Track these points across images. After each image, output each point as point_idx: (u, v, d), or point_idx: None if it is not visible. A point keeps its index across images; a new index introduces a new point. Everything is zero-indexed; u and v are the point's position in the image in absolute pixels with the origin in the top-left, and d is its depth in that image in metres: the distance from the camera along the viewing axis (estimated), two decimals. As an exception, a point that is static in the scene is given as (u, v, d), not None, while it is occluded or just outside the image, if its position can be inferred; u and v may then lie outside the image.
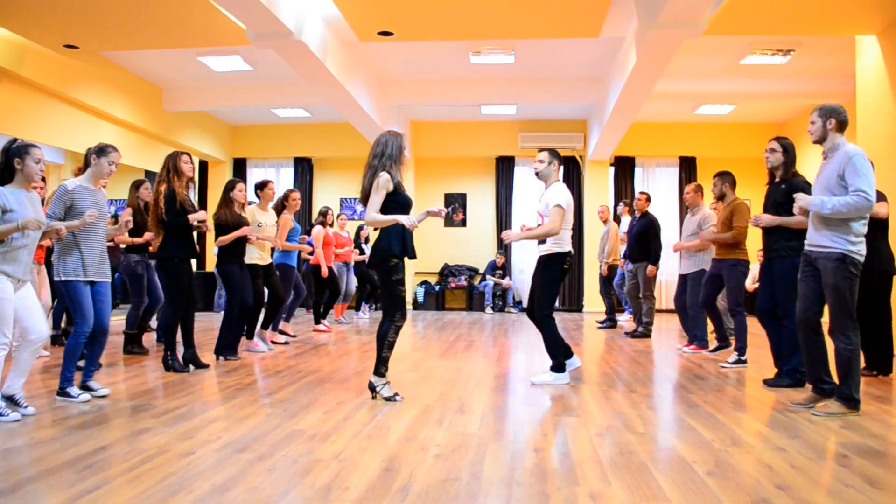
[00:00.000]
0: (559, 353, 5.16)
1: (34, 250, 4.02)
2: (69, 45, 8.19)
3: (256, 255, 6.66)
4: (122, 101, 10.26)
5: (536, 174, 5.29)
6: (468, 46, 9.10)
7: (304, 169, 14.07)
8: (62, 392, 4.34)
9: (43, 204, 4.97)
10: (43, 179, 6.64)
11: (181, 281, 5.48)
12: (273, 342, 7.24)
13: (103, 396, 4.47)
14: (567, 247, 5.13)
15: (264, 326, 7.09)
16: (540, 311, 5.15)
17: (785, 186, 4.98)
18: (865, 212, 3.99)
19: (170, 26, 7.69)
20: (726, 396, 4.69)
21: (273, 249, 7.08)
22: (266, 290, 6.95)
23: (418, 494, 2.64)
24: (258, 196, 6.94)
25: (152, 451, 3.17)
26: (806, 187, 4.80)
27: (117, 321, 4.96)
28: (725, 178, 6.44)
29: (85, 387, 4.47)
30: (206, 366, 5.71)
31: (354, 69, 9.35)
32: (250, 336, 6.76)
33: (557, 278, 5.16)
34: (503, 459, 3.12)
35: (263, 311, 6.98)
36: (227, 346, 6.18)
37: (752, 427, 3.78)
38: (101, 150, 4.51)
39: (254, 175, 14.09)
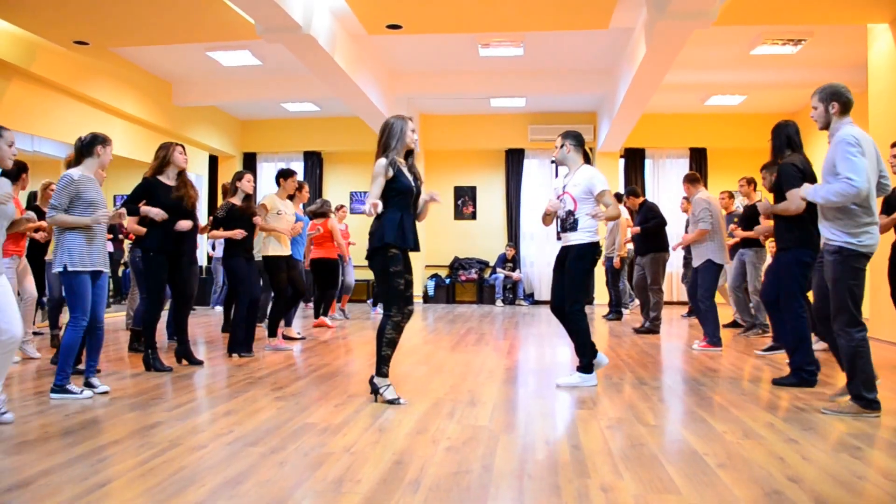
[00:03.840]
0: (586, 352, 4.70)
1: None
2: (79, 42, 8.23)
3: (277, 247, 6.47)
4: (131, 97, 10.31)
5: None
6: (477, 39, 9.07)
7: (314, 163, 14.08)
8: (61, 389, 4.16)
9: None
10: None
11: (157, 276, 5.21)
12: (287, 337, 7.13)
13: (104, 393, 4.32)
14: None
15: (287, 324, 7.07)
16: (570, 306, 4.69)
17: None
18: (853, 199, 3.67)
19: (179, 21, 7.72)
20: (737, 389, 4.66)
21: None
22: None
23: (430, 487, 2.64)
24: (278, 184, 6.69)
25: (165, 445, 3.20)
26: (790, 171, 4.56)
27: (115, 318, 4.95)
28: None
29: (87, 383, 4.31)
30: (199, 362, 5.53)
31: (363, 62, 9.34)
32: (272, 333, 6.56)
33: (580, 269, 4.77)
34: (514, 452, 3.13)
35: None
36: (240, 343, 5.98)
37: (763, 419, 3.76)
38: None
39: (264, 170, 14.12)
